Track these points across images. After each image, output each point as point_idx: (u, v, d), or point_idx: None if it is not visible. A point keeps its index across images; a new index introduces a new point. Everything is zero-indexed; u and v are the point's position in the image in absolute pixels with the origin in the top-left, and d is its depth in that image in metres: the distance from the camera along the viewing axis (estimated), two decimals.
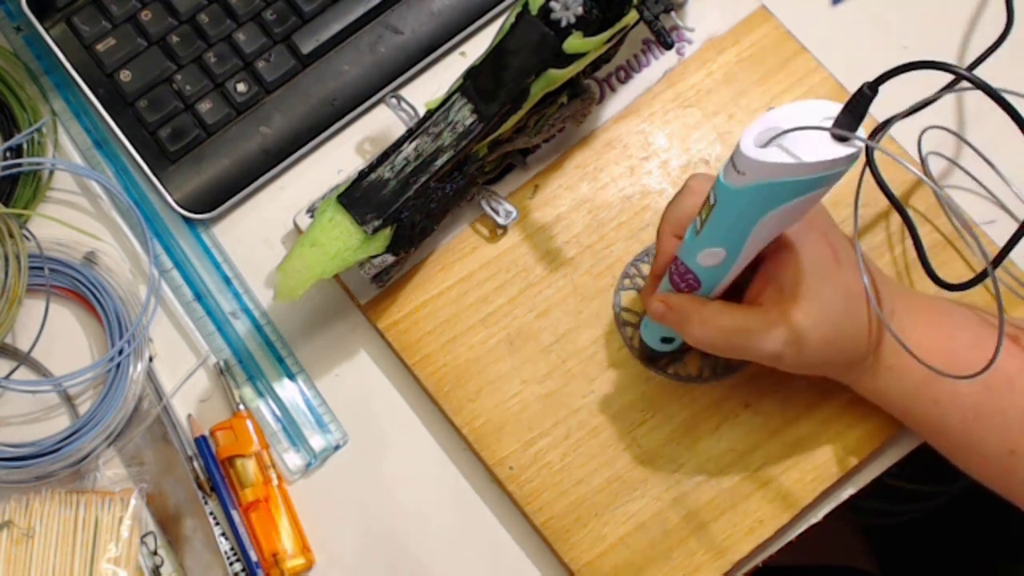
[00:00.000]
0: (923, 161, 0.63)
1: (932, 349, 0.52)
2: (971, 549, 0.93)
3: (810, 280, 0.49)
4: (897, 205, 0.57)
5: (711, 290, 0.51)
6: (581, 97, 0.59)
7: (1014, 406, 0.51)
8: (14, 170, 0.64)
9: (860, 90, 0.40)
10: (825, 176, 0.42)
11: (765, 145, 0.42)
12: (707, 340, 0.51)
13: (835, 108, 0.41)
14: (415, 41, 0.66)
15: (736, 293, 0.52)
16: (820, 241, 0.50)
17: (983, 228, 0.61)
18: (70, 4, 0.66)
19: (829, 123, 0.41)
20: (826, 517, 0.59)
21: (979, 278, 0.52)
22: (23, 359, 0.63)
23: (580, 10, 0.51)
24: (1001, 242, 0.60)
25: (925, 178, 0.45)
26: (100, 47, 0.65)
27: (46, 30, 0.65)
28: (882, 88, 0.40)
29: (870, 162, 0.55)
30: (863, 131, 0.41)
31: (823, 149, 0.41)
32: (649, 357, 0.59)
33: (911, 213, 0.60)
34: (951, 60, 0.66)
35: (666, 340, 0.57)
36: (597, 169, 0.63)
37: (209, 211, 0.64)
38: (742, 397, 0.59)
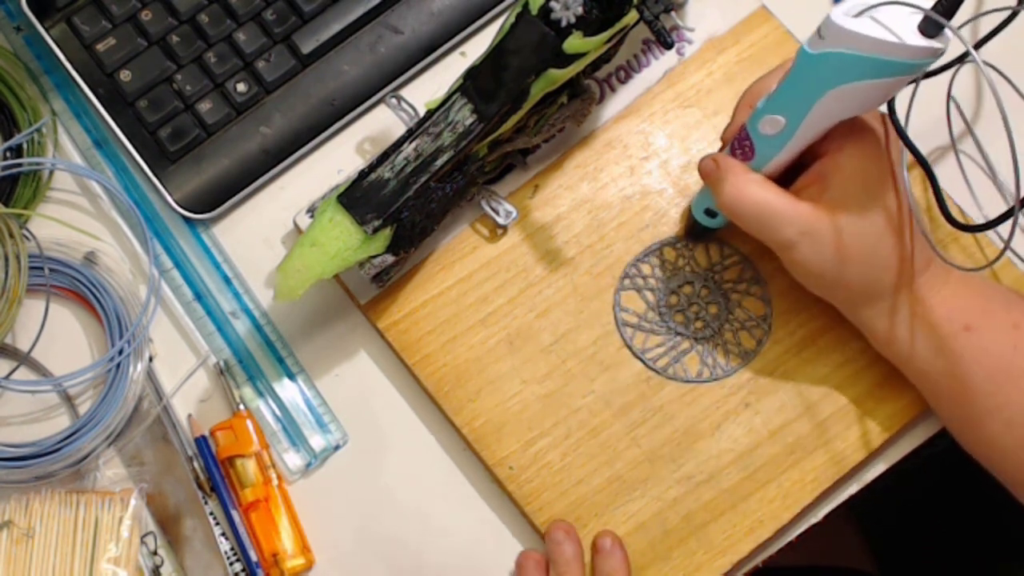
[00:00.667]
0: (948, 111, 0.62)
1: (964, 307, 0.51)
2: (971, 549, 0.93)
3: (855, 190, 0.49)
4: (915, 151, 0.56)
5: (763, 164, 0.52)
6: (581, 97, 0.59)
7: None
8: (14, 170, 0.64)
9: None
10: (901, 63, 0.43)
11: (857, 16, 0.43)
12: (734, 204, 0.51)
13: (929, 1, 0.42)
14: (415, 41, 0.66)
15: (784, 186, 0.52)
16: (879, 157, 0.50)
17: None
18: (70, 4, 0.66)
19: (920, 12, 0.42)
20: (826, 517, 0.59)
21: (1003, 217, 0.49)
22: (23, 359, 0.63)
23: (580, 10, 0.51)
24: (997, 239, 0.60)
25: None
26: (100, 47, 0.65)
27: (46, 30, 0.65)
28: None
29: (891, 111, 0.54)
30: (948, 33, 0.42)
31: (909, 35, 0.42)
32: (694, 232, 0.60)
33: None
34: (951, 60, 0.66)
35: (710, 214, 0.57)
36: (597, 169, 0.63)
37: (209, 211, 0.64)
38: (742, 397, 0.59)
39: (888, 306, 0.52)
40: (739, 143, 0.52)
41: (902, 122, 0.52)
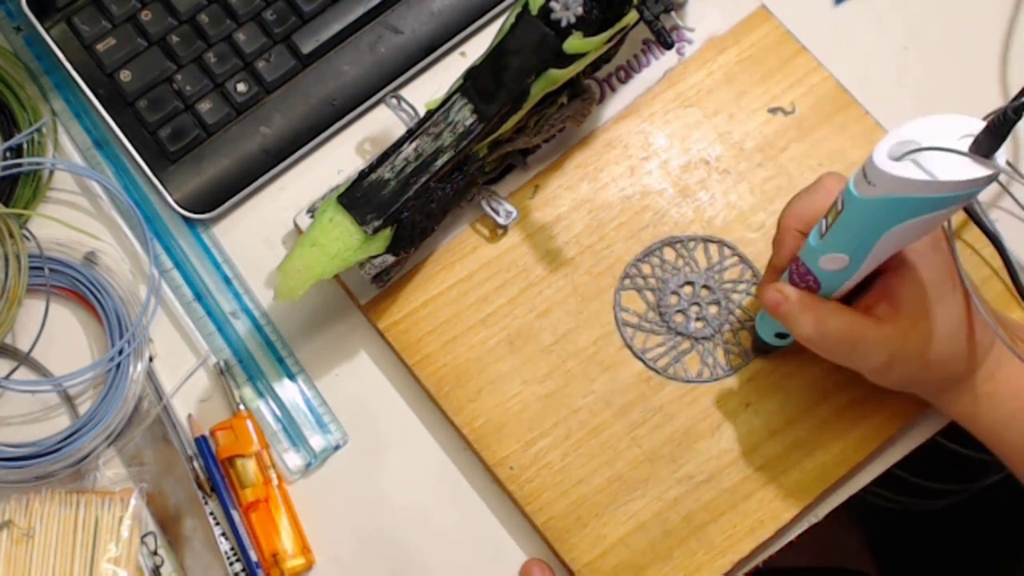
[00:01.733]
0: None
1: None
2: (971, 549, 0.93)
3: (927, 300, 0.49)
4: (989, 233, 0.56)
5: (829, 294, 0.51)
6: (581, 97, 0.59)
7: None
8: (14, 170, 0.64)
9: (1004, 112, 0.39)
10: (958, 195, 0.41)
11: (899, 159, 0.41)
12: (817, 338, 0.51)
13: (973, 125, 0.41)
14: (415, 41, 0.66)
15: (847, 303, 0.52)
16: (940, 262, 0.50)
17: None
18: (70, 4, 0.66)
19: (966, 141, 0.40)
20: (826, 517, 0.59)
21: None
22: (23, 359, 0.63)
23: (580, 10, 0.51)
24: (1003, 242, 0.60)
25: None
26: (100, 47, 0.65)
27: (46, 30, 0.65)
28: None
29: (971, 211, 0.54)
30: (1002, 154, 0.40)
31: (959, 168, 0.40)
32: (761, 351, 0.59)
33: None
34: (951, 61, 0.66)
35: (780, 336, 0.57)
36: (597, 169, 0.63)
37: (209, 211, 0.64)
38: (742, 397, 0.59)
39: (963, 389, 0.53)
40: (800, 277, 0.51)
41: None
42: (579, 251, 0.61)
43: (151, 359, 0.62)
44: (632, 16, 0.54)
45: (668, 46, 0.54)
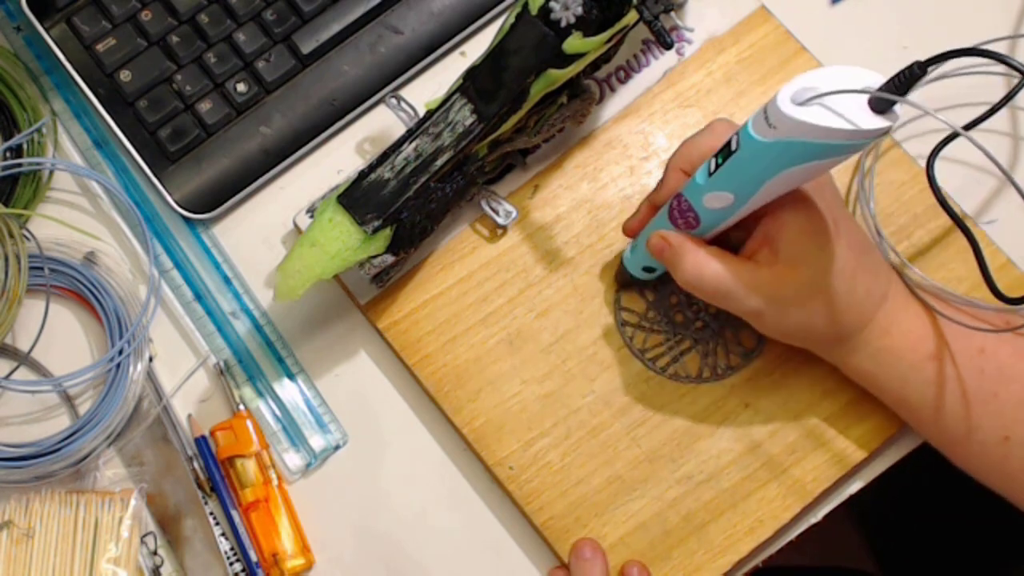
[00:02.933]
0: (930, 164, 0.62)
1: (926, 335, 0.52)
2: (972, 549, 0.93)
3: (806, 246, 0.50)
4: (955, 217, 0.55)
5: (708, 231, 0.52)
6: (581, 97, 0.59)
7: (1008, 391, 0.51)
8: (14, 170, 0.64)
9: (911, 66, 0.40)
10: (853, 144, 0.42)
11: (802, 104, 0.42)
12: (695, 282, 0.51)
13: (875, 78, 0.42)
14: (415, 41, 0.66)
15: (723, 243, 0.52)
16: (821, 209, 0.50)
17: (983, 228, 0.61)
18: (70, 4, 0.66)
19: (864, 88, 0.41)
20: (826, 517, 0.59)
21: None
22: (23, 359, 0.63)
23: (580, 10, 0.51)
24: (1002, 241, 0.60)
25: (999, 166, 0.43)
26: (100, 47, 0.65)
27: (46, 30, 0.65)
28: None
29: (930, 175, 0.54)
30: (899, 109, 0.41)
31: (860, 117, 0.41)
32: (627, 283, 0.60)
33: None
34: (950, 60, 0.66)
35: (647, 270, 0.57)
36: (597, 169, 0.63)
37: (209, 211, 0.64)
38: (742, 397, 0.59)
39: (855, 343, 0.53)
40: (681, 213, 0.52)
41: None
42: (579, 251, 0.61)
43: (151, 359, 0.62)
44: (632, 16, 0.54)
45: (668, 46, 0.54)
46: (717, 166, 0.48)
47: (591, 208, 0.62)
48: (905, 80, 0.41)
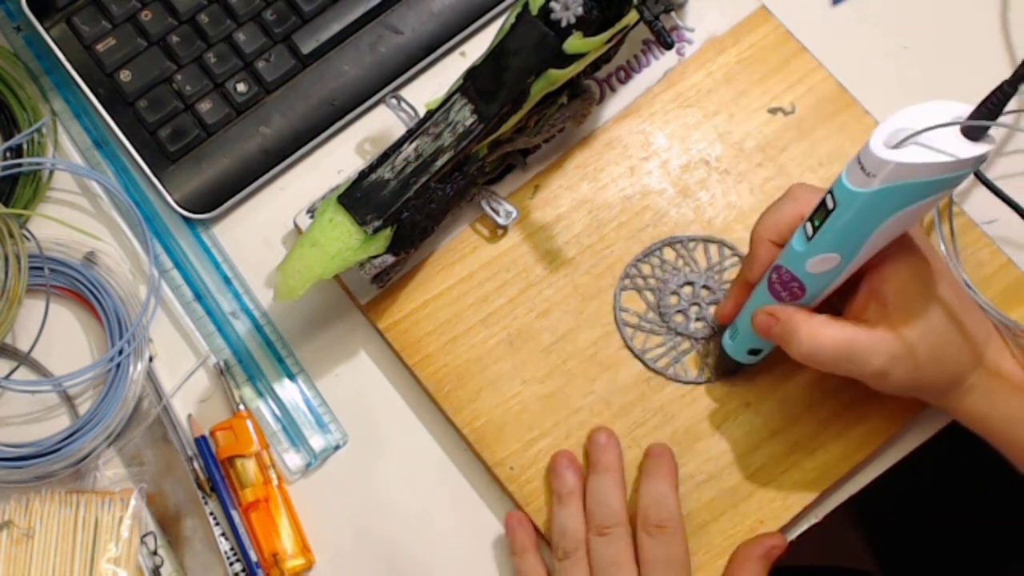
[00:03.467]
0: None
1: None
2: (972, 549, 0.93)
3: (914, 295, 0.49)
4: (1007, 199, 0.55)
5: (815, 299, 0.51)
6: (581, 97, 0.59)
7: None
8: (14, 170, 0.64)
9: (1000, 87, 0.40)
10: (954, 177, 0.42)
11: (897, 146, 0.42)
12: (815, 353, 0.50)
13: (962, 108, 0.42)
14: (415, 41, 0.66)
15: (828, 308, 0.52)
16: (919, 254, 0.50)
17: (983, 228, 0.61)
18: (70, 4, 0.66)
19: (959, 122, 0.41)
20: (826, 517, 0.59)
21: None
22: (23, 359, 0.63)
23: (580, 10, 0.51)
24: (1002, 241, 0.60)
25: None
26: (100, 47, 0.65)
27: (46, 30, 0.65)
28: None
29: (980, 174, 0.54)
30: (994, 131, 0.42)
31: (957, 147, 0.41)
32: (729, 370, 0.58)
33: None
34: (951, 60, 0.66)
35: (753, 352, 0.56)
36: (597, 169, 0.63)
37: (209, 211, 0.64)
38: (742, 397, 0.59)
39: (970, 385, 0.52)
40: (783, 285, 0.51)
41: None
42: (579, 251, 0.61)
43: (151, 359, 0.62)
44: (632, 16, 0.54)
45: (668, 46, 0.53)
46: (815, 228, 0.47)
47: (591, 208, 0.62)
48: (996, 103, 0.40)
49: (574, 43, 0.53)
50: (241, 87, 0.64)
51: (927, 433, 0.59)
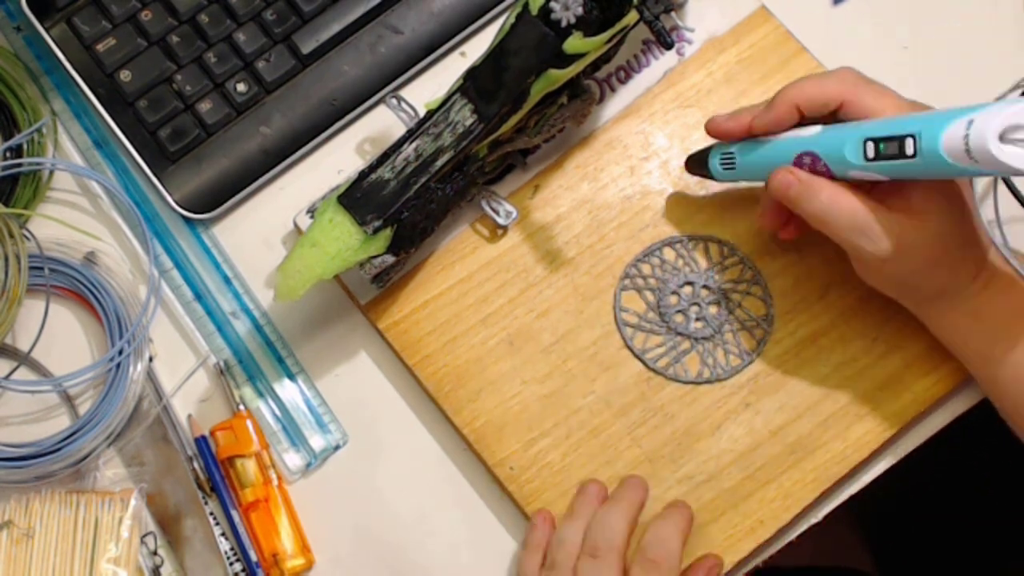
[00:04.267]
0: None
1: (1018, 299, 0.53)
2: (971, 549, 0.93)
3: (937, 197, 0.50)
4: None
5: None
6: (581, 97, 0.59)
7: None
8: (14, 170, 0.64)
9: None
10: None
11: (1008, 143, 0.42)
12: (829, 214, 0.50)
13: None
14: (415, 41, 0.66)
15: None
16: None
17: None
18: (70, 4, 0.66)
19: None
20: (826, 517, 0.59)
21: None
22: (23, 359, 0.63)
23: (580, 10, 0.51)
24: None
25: None
26: (100, 47, 0.65)
27: (46, 30, 0.65)
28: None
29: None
30: None
31: None
32: (696, 171, 0.59)
33: None
34: (951, 60, 0.66)
35: (727, 165, 0.56)
36: (597, 169, 0.63)
37: (209, 211, 0.64)
38: (742, 397, 0.59)
39: (958, 298, 0.53)
40: (812, 169, 0.51)
41: None
42: (579, 251, 0.61)
43: (151, 359, 0.62)
44: (632, 16, 0.54)
45: (668, 46, 0.54)
46: (879, 155, 0.47)
47: (591, 208, 0.62)
48: None
49: (574, 43, 0.53)
50: (241, 87, 0.64)
51: (926, 434, 0.59)
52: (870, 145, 0.48)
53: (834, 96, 0.51)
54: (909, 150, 0.46)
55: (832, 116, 0.52)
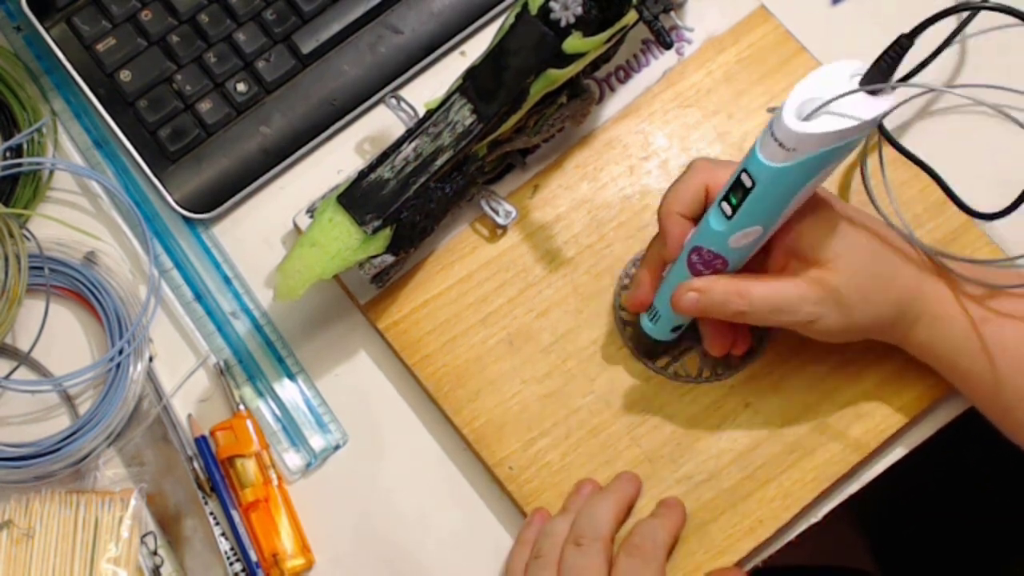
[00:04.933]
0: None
1: (969, 301, 0.52)
2: (971, 549, 0.93)
3: (830, 243, 0.50)
4: (913, 158, 0.57)
5: (736, 268, 0.52)
6: (581, 97, 0.59)
7: None
8: (14, 170, 0.64)
9: (898, 41, 0.42)
10: (865, 134, 0.44)
11: (808, 118, 0.43)
12: (749, 311, 0.51)
13: (857, 65, 0.43)
14: (415, 41, 0.66)
15: (745, 271, 0.53)
16: (826, 204, 0.51)
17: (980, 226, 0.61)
18: (70, 4, 0.66)
19: (857, 81, 0.43)
20: (826, 517, 0.59)
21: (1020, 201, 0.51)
22: (23, 359, 0.63)
23: (580, 10, 0.51)
24: (999, 238, 0.60)
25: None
26: (100, 47, 0.65)
27: (46, 30, 0.65)
28: None
29: (883, 129, 0.57)
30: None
31: (864, 107, 0.43)
32: (651, 352, 0.59)
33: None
34: (951, 60, 0.66)
35: (676, 329, 0.57)
36: (597, 169, 0.63)
37: (209, 211, 0.64)
38: (742, 397, 0.59)
39: (914, 315, 0.53)
40: (706, 264, 0.51)
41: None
42: (578, 251, 0.61)
43: (151, 359, 0.62)
44: (631, 16, 0.54)
45: (667, 46, 0.54)
46: (734, 207, 0.48)
47: (591, 208, 0.62)
48: (894, 57, 0.42)
49: (573, 43, 0.53)
50: (241, 87, 0.64)
51: (926, 433, 0.59)
52: (725, 205, 0.48)
53: (697, 185, 0.52)
54: (747, 183, 0.46)
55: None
